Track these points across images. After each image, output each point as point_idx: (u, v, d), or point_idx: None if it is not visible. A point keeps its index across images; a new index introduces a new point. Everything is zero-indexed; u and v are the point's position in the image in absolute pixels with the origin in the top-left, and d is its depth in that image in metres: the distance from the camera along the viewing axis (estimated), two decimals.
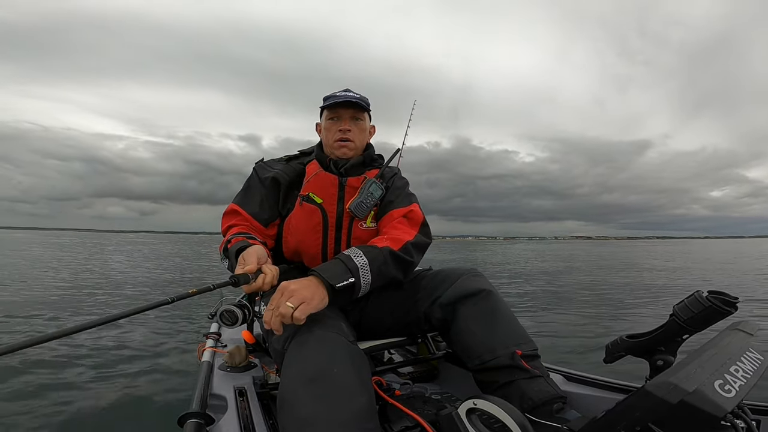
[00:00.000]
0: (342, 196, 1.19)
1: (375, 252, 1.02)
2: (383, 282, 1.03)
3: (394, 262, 1.04)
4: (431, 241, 1.18)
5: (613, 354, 0.89)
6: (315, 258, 1.20)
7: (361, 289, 0.98)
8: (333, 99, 1.21)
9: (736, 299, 0.73)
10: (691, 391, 0.49)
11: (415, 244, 1.10)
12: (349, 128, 1.22)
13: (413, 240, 1.10)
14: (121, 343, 3.15)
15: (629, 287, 6.59)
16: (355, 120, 1.23)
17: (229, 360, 1.25)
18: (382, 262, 1.01)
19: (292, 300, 0.84)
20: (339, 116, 1.22)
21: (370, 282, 0.99)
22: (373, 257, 1.00)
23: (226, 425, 0.91)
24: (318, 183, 1.20)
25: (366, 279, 0.98)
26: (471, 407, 0.71)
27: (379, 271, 1.00)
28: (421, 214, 1.21)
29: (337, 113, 1.22)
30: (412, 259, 1.09)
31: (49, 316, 4.10)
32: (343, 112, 1.22)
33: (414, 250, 1.10)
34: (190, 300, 0.85)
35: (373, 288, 1.01)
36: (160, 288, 6.47)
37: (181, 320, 3.98)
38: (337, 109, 1.21)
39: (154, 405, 2.05)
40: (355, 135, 1.23)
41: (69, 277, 7.45)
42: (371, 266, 0.99)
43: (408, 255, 1.07)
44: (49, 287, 6.06)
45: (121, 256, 14.30)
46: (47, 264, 10.08)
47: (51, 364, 2.64)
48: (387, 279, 1.03)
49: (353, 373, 0.81)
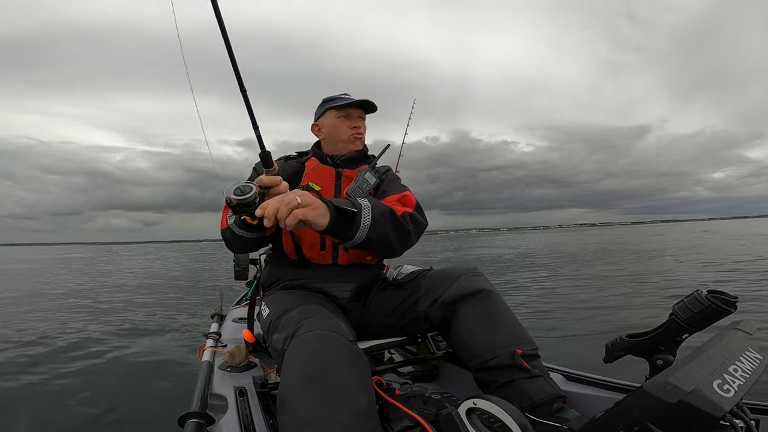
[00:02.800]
0: (339, 185, 1.29)
1: (378, 203, 1.07)
2: (378, 235, 1.03)
3: (392, 221, 1.07)
4: (427, 223, 1.21)
5: (613, 353, 0.88)
6: (314, 244, 1.22)
7: (359, 228, 0.99)
8: (344, 100, 1.32)
9: (736, 298, 0.73)
10: (689, 390, 0.49)
11: (413, 217, 1.14)
12: (359, 124, 1.35)
13: (410, 213, 1.14)
14: (120, 343, 3.16)
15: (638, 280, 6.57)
16: (361, 119, 1.38)
17: (230, 360, 1.26)
18: (382, 213, 1.04)
19: (301, 197, 0.87)
20: (349, 115, 1.34)
21: (369, 224, 1.01)
22: (375, 204, 1.05)
23: (227, 425, 0.91)
24: (317, 174, 1.30)
25: (366, 219, 1.01)
26: (471, 407, 0.71)
27: (378, 221, 1.03)
28: (414, 199, 1.25)
29: (347, 112, 1.34)
30: (409, 227, 1.11)
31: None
32: (353, 111, 1.34)
33: (411, 222, 1.13)
34: (191, 300, 0.85)
35: (369, 237, 1.01)
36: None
37: (181, 320, 3.99)
38: (348, 108, 1.34)
39: (155, 405, 2.06)
40: (364, 130, 1.38)
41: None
42: (373, 211, 1.02)
43: (406, 222, 1.10)
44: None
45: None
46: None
47: (51, 363, 2.65)
48: (382, 234, 1.04)
49: (353, 373, 0.81)
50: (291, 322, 0.94)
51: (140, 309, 4.56)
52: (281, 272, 1.27)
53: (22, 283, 7.25)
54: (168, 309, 4.60)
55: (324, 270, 1.23)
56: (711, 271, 6.77)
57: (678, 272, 6.84)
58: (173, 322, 3.88)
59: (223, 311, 2.23)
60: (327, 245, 1.22)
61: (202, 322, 3.81)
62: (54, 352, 2.92)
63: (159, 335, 3.41)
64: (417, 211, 1.19)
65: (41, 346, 3.04)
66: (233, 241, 1.14)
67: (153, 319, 3.99)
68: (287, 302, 1.07)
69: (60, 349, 2.99)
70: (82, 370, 2.54)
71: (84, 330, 3.56)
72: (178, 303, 4.90)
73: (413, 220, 1.14)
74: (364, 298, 1.26)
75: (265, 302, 1.17)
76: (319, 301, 1.11)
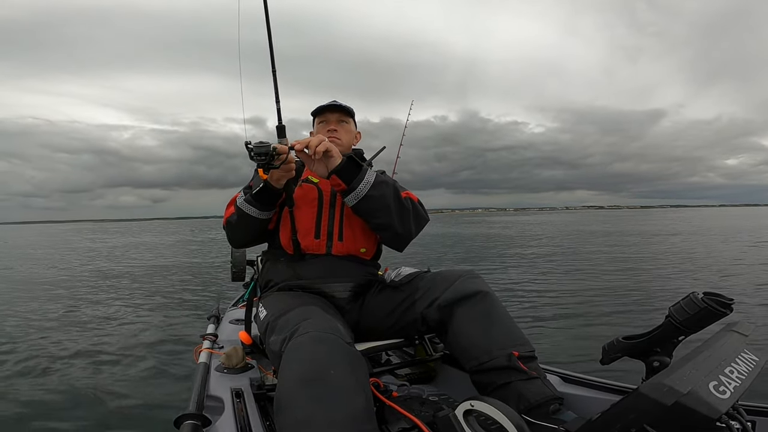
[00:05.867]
0: None
1: (385, 175, 1.20)
2: (379, 196, 1.12)
3: (394, 192, 1.15)
4: (428, 218, 1.28)
5: (610, 355, 0.89)
6: (309, 231, 1.24)
7: (362, 182, 1.10)
8: (321, 107, 1.39)
9: (731, 300, 0.73)
10: (685, 392, 0.50)
11: (412, 201, 1.22)
12: (336, 128, 1.37)
13: (413, 200, 1.22)
14: (116, 343, 3.14)
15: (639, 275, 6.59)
16: (341, 122, 1.39)
17: (226, 361, 1.25)
18: (385, 180, 1.16)
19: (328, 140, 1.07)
20: (327, 120, 1.38)
21: (371, 181, 1.12)
22: (382, 174, 1.18)
23: (223, 427, 0.90)
24: None
25: (370, 176, 1.12)
26: (468, 409, 0.71)
27: (380, 184, 1.13)
28: (416, 197, 1.28)
29: (326, 117, 1.39)
30: (408, 207, 1.19)
31: None
32: (330, 115, 1.38)
33: (410, 205, 1.20)
34: (188, 301, 0.85)
35: (370, 196, 1.11)
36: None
37: (177, 321, 3.97)
38: (326, 113, 1.39)
39: (151, 406, 2.05)
40: (341, 134, 1.37)
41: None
42: (377, 175, 1.15)
43: (406, 202, 1.18)
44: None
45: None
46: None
47: (46, 364, 2.63)
48: (383, 196, 1.13)
49: (350, 375, 0.81)
50: (288, 323, 0.94)
51: (136, 309, 4.54)
52: (278, 272, 1.26)
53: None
54: (165, 309, 4.58)
55: (319, 263, 1.23)
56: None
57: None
58: (170, 323, 3.86)
59: (220, 312, 2.22)
60: (322, 233, 1.24)
61: (199, 323, 3.79)
62: (43, 350, 2.90)
63: (155, 336, 3.39)
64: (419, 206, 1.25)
65: (36, 346, 3.02)
66: (238, 225, 1.20)
67: (149, 319, 3.97)
68: (284, 304, 1.07)
69: (52, 348, 2.97)
70: (76, 370, 2.53)
71: (80, 330, 3.54)
72: (176, 303, 4.88)
73: (413, 204, 1.21)
74: (361, 299, 1.26)
75: (262, 304, 1.17)
76: (317, 302, 1.11)
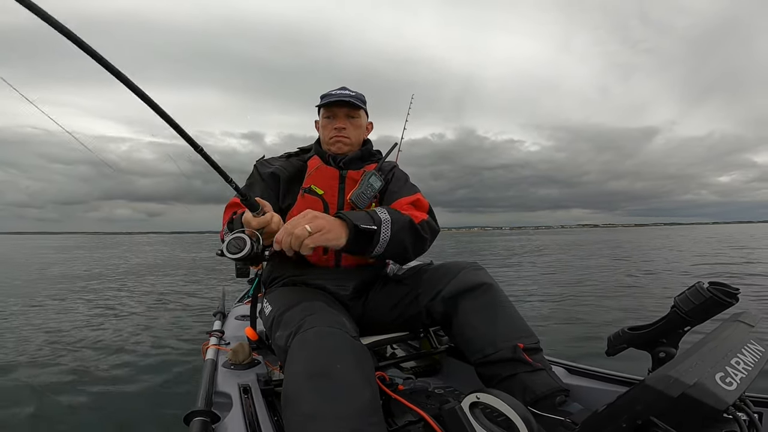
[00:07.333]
0: (342, 188, 1.23)
1: (398, 214, 1.05)
2: (396, 248, 1.04)
3: (411, 232, 1.07)
4: (439, 228, 1.21)
5: (615, 346, 0.89)
6: (316, 249, 1.21)
7: (378, 244, 1.00)
8: (328, 98, 1.24)
9: (737, 290, 0.72)
10: (691, 384, 0.49)
11: (429, 224, 1.14)
12: (344, 126, 1.26)
13: (427, 220, 1.14)
14: (125, 341, 3.17)
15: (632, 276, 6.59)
16: (350, 117, 1.27)
17: (233, 357, 1.26)
18: (401, 226, 1.04)
19: (310, 225, 0.85)
20: (334, 114, 1.26)
21: (387, 239, 1.01)
22: (395, 218, 1.04)
23: (232, 423, 0.91)
24: (319, 176, 1.24)
25: (385, 235, 1.00)
26: (474, 401, 0.71)
27: (397, 234, 1.03)
28: (426, 202, 1.23)
29: (333, 111, 1.26)
30: (426, 236, 1.11)
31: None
32: (338, 110, 1.26)
33: (428, 229, 1.13)
34: (194, 298, 0.85)
35: (387, 251, 1.02)
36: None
37: (184, 317, 4.00)
38: (333, 107, 1.25)
39: (160, 403, 2.07)
40: (350, 132, 1.27)
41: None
42: (392, 226, 1.02)
43: (423, 231, 1.10)
44: None
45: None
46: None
47: (56, 363, 2.67)
48: (400, 246, 1.05)
49: (356, 369, 0.81)
50: (293, 319, 0.94)
51: (142, 307, 4.58)
52: (283, 269, 1.26)
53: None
54: (170, 305, 4.62)
55: (327, 272, 1.22)
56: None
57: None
58: (176, 320, 3.90)
59: (226, 309, 2.24)
60: (330, 250, 1.19)
61: (205, 319, 3.83)
62: (54, 349, 2.93)
63: (162, 333, 3.42)
64: (430, 216, 1.18)
65: (45, 343, 3.06)
66: None
67: (156, 317, 4.01)
68: (289, 299, 1.07)
69: (61, 347, 3.01)
70: (86, 369, 2.56)
71: (87, 328, 3.58)
72: (181, 299, 4.92)
73: (429, 228, 1.14)
74: (365, 294, 1.26)
75: (267, 299, 1.17)
76: (321, 297, 1.11)
